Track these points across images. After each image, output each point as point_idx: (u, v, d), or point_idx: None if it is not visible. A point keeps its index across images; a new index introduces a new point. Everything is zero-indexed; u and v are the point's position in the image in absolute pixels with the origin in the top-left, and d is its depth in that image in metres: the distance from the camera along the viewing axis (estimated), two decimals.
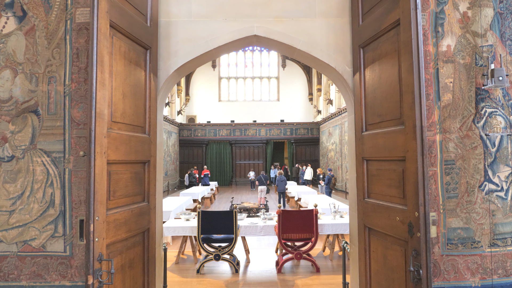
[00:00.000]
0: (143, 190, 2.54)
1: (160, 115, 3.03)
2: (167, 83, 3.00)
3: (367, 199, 2.59)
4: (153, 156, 2.65)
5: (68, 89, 2.73)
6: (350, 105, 2.98)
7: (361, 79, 2.67)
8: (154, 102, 2.69)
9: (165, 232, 6.82)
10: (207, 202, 15.78)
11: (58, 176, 2.72)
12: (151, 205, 2.63)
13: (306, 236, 6.43)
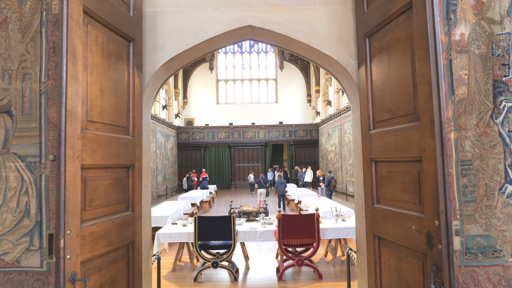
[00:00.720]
0: (127, 197, 2.27)
1: (147, 115, 2.77)
2: (154, 79, 2.73)
3: (376, 204, 2.33)
4: (138, 160, 2.39)
5: (44, 86, 2.47)
6: (355, 101, 2.73)
7: (367, 71, 2.42)
8: (139, 100, 2.43)
9: (161, 239, 6.55)
10: (206, 206, 15.50)
11: (33, 183, 2.45)
12: (137, 214, 2.36)
13: (308, 241, 6.17)
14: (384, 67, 2.22)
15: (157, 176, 21.51)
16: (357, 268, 2.96)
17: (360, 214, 2.71)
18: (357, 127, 2.68)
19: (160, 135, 22.37)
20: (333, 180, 15.50)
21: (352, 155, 3.20)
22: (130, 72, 2.35)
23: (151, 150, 4.11)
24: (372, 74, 2.38)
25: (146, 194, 2.61)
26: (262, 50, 29.64)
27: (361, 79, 2.53)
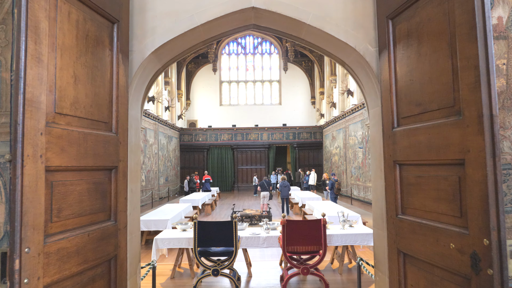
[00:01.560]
0: (108, 205, 1.93)
1: (136, 110, 2.43)
2: (143, 68, 2.40)
3: (401, 215, 1.97)
4: (122, 161, 2.05)
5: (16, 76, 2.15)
6: (374, 95, 2.38)
7: (391, 59, 2.07)
8: (124, 91, 2.09)
9: (159, 244, 6.22)
10: (208, 209, 15.16)
11: (2, 187, 2.12)
12: (120, 224, 2.02)
13: (314, 248, 5.80)
14: (413, 53, 1.88)
15: (159, 178, 21.22)
16: (375, 286, 2.61)
17: (379, 225, 2.36)
18: (376, 124, 2.33)
19: (162, 136, 22.09)
20: (336, 182, 15.12)
21: (370, 158, 2.82)
22: (114, 58, 2.01)
23: (140, 150, 3.72)
24: (396, 62, 2.03)
25: (134, 200, 2.28)
26: (266, 52, 29.38)
27: (382, 69, 2.18)
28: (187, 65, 27.51)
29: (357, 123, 18.77)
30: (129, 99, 2.20)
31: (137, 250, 2.43)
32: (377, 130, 2.30)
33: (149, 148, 19.44)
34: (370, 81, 2.45)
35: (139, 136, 2.42)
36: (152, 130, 20.13)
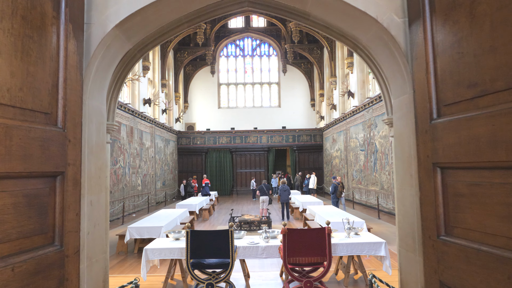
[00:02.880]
0: (49, 225, 1.43)
1: (99, 101, 1.94)
2: (105, 46, 1.91)
3: (446, 237, 1.47)
4: (73, 165, 1.55)
5: None
6: (400, 79, 1.89)
7: (427, 28, 1.58)
8: (77, 73, 1.60)
9: (149, 255, 5.70)
10: (205, 214, 14.65)
11: None
12: (69, 250, 1.51)
13: (317, 260, 5.31)
14: (463, 16, 1.39)
15: (156, 182, 20.71)
16: None
17: (409, 246, 1.86)
18: (403, 117, 1.85)
19: (159, 139, 21.60)
20: (339, 186, 14.64)
21: (393, 159, 2.34)
22: (60, 29, 1.52)
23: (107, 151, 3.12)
24: (436, 31, 1.55)
25: (96, 215, 1.79)
26: (265, 54, 29.00)
27: (415, 43, 1.68)
28: (184, 68, 27.09)
29: (359, 125, 18.31)
30: (88, 86, 1.73)
31: (101, 279, 1.93)
32: (405, 124, 1.82)
33: (145, 151, 18.94)
34: (395, 62, 1.96)
35: (103, 133, 1.94)
36: (149, 133, 19.64)
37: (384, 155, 15.05)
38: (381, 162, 15.44)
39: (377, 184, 15.87)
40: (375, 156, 16.12)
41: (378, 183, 15.82)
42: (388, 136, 14.50)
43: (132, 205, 16.66)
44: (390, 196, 14.46)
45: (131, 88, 17.87)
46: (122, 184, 15.51)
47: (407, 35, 1.81)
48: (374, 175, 16.25)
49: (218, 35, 27.09)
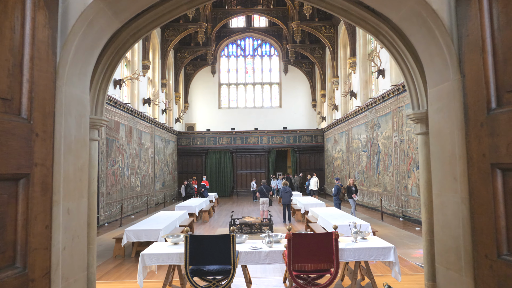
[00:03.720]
0: (8, 241, 1.12)
1: (79, 89, 1.65)
2: (87, 22, 1.62)
3: (510, 256, 1.19)
4: (42, 165, 1.26)
5: None
6: (441, 63, 1.61)
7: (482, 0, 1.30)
8: (48, 51, 1.32)
9: (146, 261, 5.41)
10: (205, 216, 14.37)
11: None
12: (34, 273, 1.20)
13: (324, 266, 5.03)
14: None
15: (155, 183, 20.44)
16: None
17: (450, 264, 1.57)
18: (445, 109, 1.56)
19: (159, 140, 21.33)
20: (342, 188, 14.35)
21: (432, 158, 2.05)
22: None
23: (95, 149, 2.80)
24: (494, 1, 1.27)
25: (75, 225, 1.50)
26: (266, 54, 28.78)
27: (467, 16, 1.37)
28: (185, 67, 26.83)
29: (361, 126, 18.03)
30: (65, 69, 1.44)
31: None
32: (447, 117, 1.53)
33: (144, 152, 18.66)
34: (434, 43, 1.67)
35: (86, 128, 1.66)
36: (148, 133, 19.37)
37: (388, 156, 14.77)
38: (384, 163, 15.15)
39: (380, 185, 15.58)
40: (378, 157, 15.83)
41: (381, 184, 15.53)
42: (392, 137, 14.21)
43: (131, 206, 16.37)
44: (393, 197, 14.17)
45: (131, 87, 17.60)
46: (120, 185, 15.23)
47: (451, 8, 1.52)
48: (377, 176, 15.96)
49: (219, 35, 26.83)
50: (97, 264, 7.58)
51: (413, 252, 8.26)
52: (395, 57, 2.03)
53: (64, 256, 1.42)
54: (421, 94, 2.04)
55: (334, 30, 22.17)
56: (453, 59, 1.53)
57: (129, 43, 2.01)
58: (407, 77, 2.01)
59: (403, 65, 2.01)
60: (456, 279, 1.53)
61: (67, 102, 1.50)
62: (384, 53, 15.03)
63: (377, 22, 1.93)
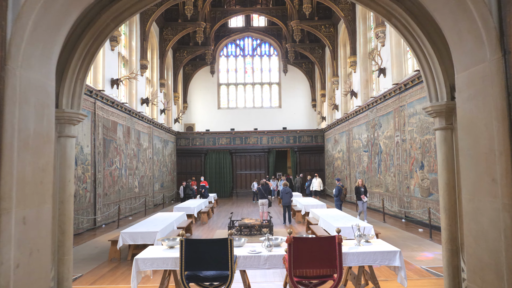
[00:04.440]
0: None
1: (41, 70, 1.40)
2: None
3: None
4: None
5: None
6: (474, 41, 1.36)
7: None
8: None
9: (141, 266, 5.16)
10: (204, 217, 14.13)
11: None
12: None
13: (326, 272, 4.79)
14: None
15: (154, 184, 20.20)
16: None
17: (486, 283, 1.31)
18: (479, 95, 1.31)
19: (157, 140, 21.08)
20: (344, 188, 14.12)
21: (441, 157, 1.81)
22: None
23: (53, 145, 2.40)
24: None
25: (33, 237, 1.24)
26: (265, 54, 28.56)
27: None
28: (184, 67, 26.59)
29: (362, 125, 17.80)
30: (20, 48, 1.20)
31: None
32: (482, 105, 1.28)
33: (142, 152, 18.42)
34: (466, 17, 1.42)
35: (49, 121, 1.41)
36: (146, 133, 19.13)
37: (389, 156, 14.53)
38: (385, 164, 14.92)
39: (382, 186, 15.34)
40: (380, 157, 15.60)
41: (382, 185, 15.29)
42: (394, 137, 13.97)
43: (129, 207, 16.12)
44: (395, 198, 13.93)
45: (128, 87, 17.36)
46: (118, 186, 14.98)
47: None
48: (379, 177, 15.72)
49: (218, 35, 26.59)
50: (92, 268, 7.33)
51: (417, 255, 8.01)
52: (410, 42, 1.81)
53: (17, 276, 1.17)
54: (439, 83, 1.83)
55: (334, 29, 21.95)
56: (490, 35, 1.29)
57: (110, 28, 1.79)
58: (423, 65, 1.79)
59: (418, 52, 1.79)
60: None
61: (23, 88, 1.26)
62: (385, 51, 14.80)
63: (389, 3, 1.71)
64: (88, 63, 1.84)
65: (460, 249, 2.33)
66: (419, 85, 11.82)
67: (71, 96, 1.80)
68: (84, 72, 1.84)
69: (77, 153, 11.56)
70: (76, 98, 1.87)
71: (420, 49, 1.80)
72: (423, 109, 2.32)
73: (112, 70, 14.95)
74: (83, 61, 1.82)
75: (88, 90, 12.28)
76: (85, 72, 1.84)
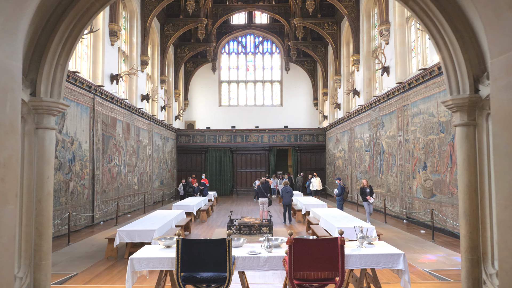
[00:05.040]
0: None
1: (4, 48, 1.23)
2: None
3: None
4: None
5: None
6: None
7: None
8: None
9: (136, 266, 5.00)
10: (203, 215, 13.98)
11: None
12: None
13: (328, 275, 4.62)
14: None
15: (154, 181, 20.04)
16: None
17: None
18: None
19: (157, 137, 20.91)
20: (346, 187, 13.96)
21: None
22: None
23: (19, 136, 2.29)
24: None
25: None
26: (267, 51, 28.35)
27: None
28: (185, 64, 26.41)
29: (364, 125, 17.61)
30: None
31: None
32: None
33: (142, 149, 18.25)
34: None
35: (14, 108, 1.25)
36: (146, 130, 18.96)
37: (391, 156, 14.34)
38: (387, 164, 14.73)
39: (383, 186, 15.16)
40: (382, 157, 15.41)
41: (384, 185, 15.11)
42: (396, 136, 13.77)
43: (128, 204, 15.97)
44: (397, 199, 13.75)
45: (128, 83, 17.18)
46: (117, 183, 14.82)
47: None
48: (380, 177, 15.54)
49: (220, 31, 26.38)
50: (88, 266, 7.19)
51: (420, 257, 7.84)
52: (429, 28, 1.64)
53: None
54: (461, 74, 1.66)
55: (337, 27, 21.73)
56: None
57: (95, 8, 1.62)
58: (444, 54, 1.62)
59: (438, 39, 1.62)
60: None
61: None
62: (389, 50, 14.60)
63: None
64: (70, 47, 1.67)
65: (482, 259, 2.14)
66: (423, 84, 11.62)
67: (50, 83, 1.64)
68: (65, 57, 1.68)
69: (75, 149, 11.40)
70: (56, 86, 1.70)
71: (441, 36, 1.64)
72: (442, 103, 2.15)
73: (112, 66, 14.78)
74: (64, 44, 1.65)
75: (87, 86, 12.10)
76: (66, 57, 1.68)
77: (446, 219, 10.08)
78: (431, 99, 11.17)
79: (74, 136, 11.31)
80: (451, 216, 9.91)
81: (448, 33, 1.64)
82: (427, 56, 12.20)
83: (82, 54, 13.04)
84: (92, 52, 13.54)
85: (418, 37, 13.08)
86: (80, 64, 12.68)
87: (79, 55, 12.70)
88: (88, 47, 13.45)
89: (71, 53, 1.66)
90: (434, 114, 10.96)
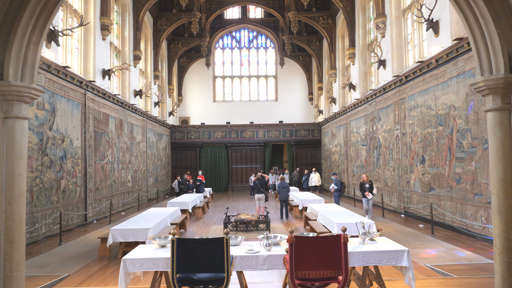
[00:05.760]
0: None
1: None
2: None
3: None
4: None
5: None
6: None
7: None
8: None
9: (129, 267, 4.77)
10: (199, 212, 13.76)
11: None
12: None
13: (330, 274, 4.43)
14: None
15: (148, 178, 19.76)
16: None
17: None
18: None
19: (151, 133, 20.61)
20: (343, 183, 13.82)
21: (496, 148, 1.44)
22: None
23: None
24: None
25: None
26: (262, 46, 28.08)
27: None
28: (179, 59, 26.05)
29: (360, 119, 17.45)
30: None
31: None
32: None
33: (136, 146, 17.96)
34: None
35: None
36: (140, 126, 18.65)
37: (388, 150, 14.20)
38: (384, 158, 14.59)
39: (380, 180, 15.03)
40: (378, 151, 15.27)
41: (381, 179, 14.98)
42: (393, 130, 13.62)
43: (122, 202, 15.70)
44: (394, 193, 13.63)
45: (121, 78, 16.84)
46: (110, 180, 14.54)
47: None
48: (377, 171, 15.41)
49: (214, 26, 26.04)
50: (80, 267, 6.95)
51: (420, 252, 7.70)
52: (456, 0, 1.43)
53: None
54: (495, 52, 1.47)
55: (332, 21, 21.50)
56: None
57: None
58: (473, 29, 1.43)
59: (467, 12, 1.42)
60: None
61: None
62: (385, 43, 14.41)
63: None
64: (44, 23, 1.45)
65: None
66: (421, 77, 11.46)
67: (21, 65, 1.41)
68: (38, 35, 1.45)
69: (66, 146, 11.10)
70: (28, 68, 1.47)
71: (470, 8, 1.44)
72: (471, 85, 1.93)
73: (103, 61, 14.44)
74: (36, 20, 1.42)
75: (78, 81, 11.78)
76: (40, 34, 1.45)
77: (445, 212, 9.95)
78: (428, 92, 11.01)
79: (65, 133, 11.00)
80: (450, 210, 9.79)
81: (479, 5, 1.45)
82: (424, 49, 12.03)
83: (73, 48, 12.70)
84: (83, 46, 13.19)
85: (415, 29, 12.90)
86: (70, 58, 12.35)
87: (70, 50, 12.36)
88: (79, 41, 13.11)
89: (45, 30, 1.43)
90: (432, 107, 10.81)
